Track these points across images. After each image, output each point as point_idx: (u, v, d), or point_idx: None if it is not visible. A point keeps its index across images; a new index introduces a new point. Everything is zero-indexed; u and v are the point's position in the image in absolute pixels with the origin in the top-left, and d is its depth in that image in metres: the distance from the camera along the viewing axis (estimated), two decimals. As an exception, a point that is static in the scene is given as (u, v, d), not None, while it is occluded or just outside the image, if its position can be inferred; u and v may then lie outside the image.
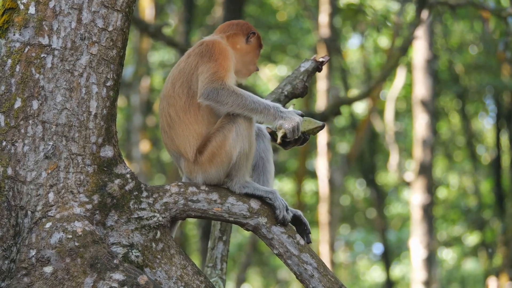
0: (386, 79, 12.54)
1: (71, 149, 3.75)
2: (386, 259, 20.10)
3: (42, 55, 3.74)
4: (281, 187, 20.59)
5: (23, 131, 3.72)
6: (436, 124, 16.86)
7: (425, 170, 13.36)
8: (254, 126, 3.93)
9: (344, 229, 22.70)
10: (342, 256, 22.70)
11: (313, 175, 17.34)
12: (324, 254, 13.02)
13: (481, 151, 20.94)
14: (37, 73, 3.74)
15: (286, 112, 3.87)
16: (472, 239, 20.62)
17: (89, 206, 3.73)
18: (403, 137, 19.32)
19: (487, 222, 18.96)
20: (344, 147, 19.97)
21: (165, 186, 3.93)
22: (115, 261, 3.65)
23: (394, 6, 15.79)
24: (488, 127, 20.79)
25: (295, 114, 3.89)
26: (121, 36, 3.87)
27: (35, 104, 3.73)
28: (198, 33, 16.52)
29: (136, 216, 3.80)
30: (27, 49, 3.74)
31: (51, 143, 3.73)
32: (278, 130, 3.88)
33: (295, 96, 4.76)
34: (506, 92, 16.84)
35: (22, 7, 3.77)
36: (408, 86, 16.84)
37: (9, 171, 3.69)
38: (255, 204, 3.92)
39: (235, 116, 3.88)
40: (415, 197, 13.32)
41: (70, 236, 3.64)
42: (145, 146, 15.18)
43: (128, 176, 3.84)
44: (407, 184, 14.31)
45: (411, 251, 13.27)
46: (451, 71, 17.74)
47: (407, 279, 20.75)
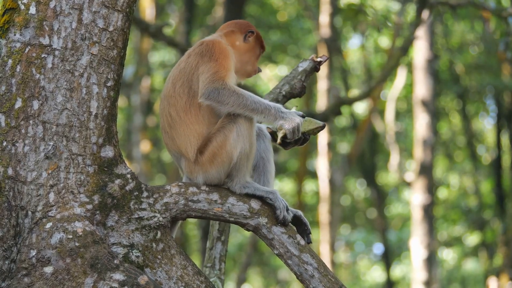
0: (386, 79, 12.54)
1: (71, 149, 3.75)
2: (387, 259, 20.11)
3: (43, 55, 3.74)
4: (282, 187, 20.59)
5: (23, 131, 3.72)
6: (436, 124, 16.85)
7: (426, 170, 13.36)
8: (255, 126, 3.93)
9: (344, 229, 22.70)
10: (343, 256, 22.71)
11: (314, 175, 17.34)
12: (325, 254, 13.02)
13: (481, 151, 20.94)
14: (38, 73, 3.74)
15: (287, 113, 3.87)
16: (473, 239, 20.62)
17: (89, 206, 3.73)
18: (403, 137, 19.31)
19: (487, 222, 18.96)
20: (344, 147, 19.97)
21: (166, 186, 3.93)
22: (115, 261, 3.65)
23: (395, 6, 15.80)
24: (489, 127, 20.80)
25: (295, 115, 3.88)
26: (121, 36, 3.87)
27: (36, 104, 3.73)
28: (199, 33, 16.52)
29: (137, 216, 3.80)
30: (27, 49, 3.74)
31: (51, 143, 3.73)
32: (278, 130, 3.88)
33: (293, 96, 4.75)
34: (506, 92, 16.84)
35: (22, 7, 3.77)
36: (408, 86, 16.84)
37: (10, 171, 3.69)
38: (255, 204, 3.92)
39: (236, 116, 3.88)
40: (415, 197, 13.32)
41: (71, 236, 3.64)
42: (145, 146, 15.18)
43: (129, 176, 3.84)
44: (408, 184, 14.31)
45: (412, 251, 13.27)
46: (451, 71, 17.74)
47: (407, 279, 20.75)
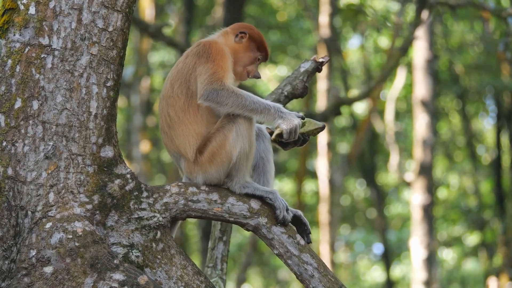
0: (386, 80, 12.54)
1: (71, 149, 3.75)
2: (387, 259, 20.11)
3: (42, 56, 3.74)
4: (282, 187, 20.59)
5: (23, 131, 3.72)
6: (436, 124, 16.86)
7: (425, 170, 13.36)
8: (254, 126, 3.93)
9: (344, 229, 22.70)
10: (343, 256, 22.71)
11: (314, 175, 17.34)
12: (325, 254, 13.02)
13: (481, 151, 20.94)
14: (37, 73, 3.74)
15: (286, 113, 3.87)
16: (472, 239, 20.62)
17: (89, 206, 3.73)
18: (403, 137, 19.32)
19: (487, 222, 18.96)
20: (344, 147, 19.97)
21: (165, 186, 3.93)
22: (115, 261, 3.65)
23: (394, 6, 15.80)
24: (488, 127, 20.80)
25: (295, 116, 3.88)
26: (121, 37, 3.87)
27: (35, 104, 3.73)
28: (198, 34, 16.53)
29: (136, 216, 3.80)
30: (27, 50, 3.74)
31: (51, 143, 3.73)
32: (275, 129, 3.89)
33: (295, 97, 4.75)
34: (506, 92, 16.84)
35: (22, 7, 3.77)
36: (408, 86, 16.85)
37: (9, 171, 3.69)
38: (255, 204, 3.92)
39: (235, 116, 3.88)
40: (415, 197, 13.32)
41: (70, 236, 3.64)
42: (145, 146, 15.18)
43: (128, 176, 3.85)
44: (407, 184, 14.31)
45: (411, 251, 13.27)
46: (451, 71, 17.74)
47: (407, 279, 20.75)
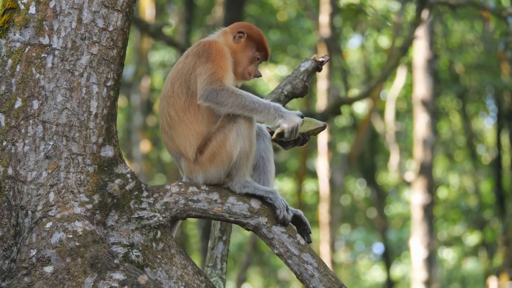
0: (386, 79, 12.54)
1: (71, 149, 3.75)
2: (387, 259, 20.11)
3: (43, 55, 3.74)
4: (282, 187, 20.59)
5: (23, 131, 3.72)
6: (436, 124, 16.86)
7: (426, 170, 13.36)
8: (254, 125, 3.93)
9: (344, 229, 22.70)
10: (343, 256, 22.71)
11: (314, 174, 17.34)
12: (325, 254, 13.02)
13: (481, 151, 20.94)
14: (38, 73, 3.74)
15: (286, 112, 3.87)
16: (473, 239, 20.63)
17: (89, 206, 3.73)
18: (403, 137, 19.31)
19: (487, 222, 18.96)
20: (344, 147, 19.97)
21: (166, 186, 3.93)
22: (115, 261, 3.65)
23: (395, 6, 15.80)
24: (489, 127, 20.80)
25: (295, 115, 3.88)
26: (121, 36, 3.87)
27: (36, 104, 3.73)
28: (198, 33, 16.53)
29: (137, 216, 3.80)
30: (27, 49, 3.74)
31: (51, 143, 3.73)
32: (276, 128, 3.89)
33: (295, 96, 4.75)
34: (506, 92, 16.84)
35: (22, 7, 3.77)
36: (408, 86, 16.84)
37: (10, 171, 3.69)
38: (255, 204, 3.92)
39: (235, 116, 3.88)
40: (415, 197, 13.32)
41: (71, 236, 3.64)
42: (145, 146, 15.18)
43: (129, 176, 3.85)
44: (408, 184, 14.31)
45: (412, 251, 13.27)
46: (451, 71, 17.74)
47: (407, 279, 20.76)
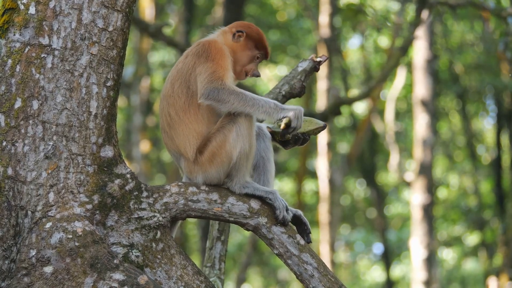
0: (386, 79, 12.53)
1: (71, 149, 3.75)
2: (386, 259, 20.11)
3: (42, 55, 3.74)
4: (282, 187, 20.60)
5: (23, 131, 3.72)
6: (436, 124, 16.86)
7: (425, 170, 13.36)
8: (254, 126, 3.93)
9: (344, 229, 22.70)
10: (343, 256, 22.71)
11: (314, 175, 17.34)
12: (325, 254, 13.02)
13: (481, 151, 20.94)
14: (37, 73, 3.74)
15: (286, 106, 3.90)
16: (472, 239, 20.63)
17: (89, 206, 3.74)
18: (403, 137, 19.32)
19: (487, 222, 18.96)
20: (344, 147, 19.98)
21: (165, 186, 3.93)
22: (115, 261, 3.65)
23: (394, 6, 15.80)
24: (489, 127, 20.80)
25: (295, 106, 3.90)
26: (121, 36, 3.87)
27: (35, 104, 3.73)
28: (198, 33, 16.53)
29: (136, 216, 3.80)
30: (27, 49, 3.74)
31: (51, 143, 3.73)
32: (279, 122, 3.89)
33: (293, 96, 4.76)
34: (506, 92, 16.84)
35: (22, 7, 3.77)
36: (408, 86, 16.85)
37: (9, 171, 3.70)
38: (255, 204, 3.92)
39: (235, 116, 3.88)
40: (415, 197, 13.33)
41: (70, 236, 3.64)
42: (145, 146, 15.18)
43: (128, 176, 3.85)
44: (407, 184, 14.31)
45: (411, 251, 13.27)
46: (451, 71, 17.74)
47: (407, 279, 20.75)
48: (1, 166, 3.69)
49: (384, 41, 17.39)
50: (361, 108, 19.10)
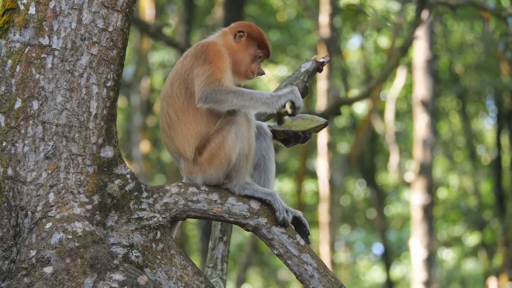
0: (386, 80, 12.54)
1: (71, 150, 3.75)
2: (386, 259, 20.11)
3: (42, 56, 3.74)
4: (282, 187, 20.60)
5: (23, 131, 3.72)
6: (436, 124, 16.86)
7: (425, 170, 13.36)
8: (253, 127, 3.93)
9: (344, 229, 22.70)
10: (343, 256, 22.71)
11: (314, 175, 17.34)
12: (324, 254, 13.02)
13: (481, 151, 20.94)
14: (37, 73, 3.74)
15: (280, 92, 3.91)
16: (472, 239, 20.63)
17: (89, 207, 3.73)
18: (403, 137, 19.32)
19: (487, 222, 18.97)
20: (344, 147, 19.97)
21: (165, 187, 3.93)
22: (115, 262, 3.65)
23: (394, 6, 15.80)
24: (489, 127, 20.81)
25: (289, 88, 3.90)
26: (121, 37, 3.87)
27: (35, 105, 3.73)
28: (198, 34, 16.53)
29: (136, 217, 3.80)
30: (27, 50, 3.74)
31: (51, 144, 3.73)
32: (283, 108, 3.89)
33: (296, 97, 4.75)
34: (506, 92, 16.85)
35: (22, 7, 3.77)
36: (408, 86, 16.85)
37: (9, 172, 3.69)
38: (255, 205, 3.92)
39: (234, 117, 3.88)
40: (415, 197, 13.33)
41: (70, 237, 3.64)
42: (145, 147, 15.18)
43: (128, 176, 3.85)
44: (407, 184, 14.31)
45: (411, 251, 13.27)
46: (451, 71, 17.74)
47: (407, 279, 20.76)
48: (1, 166, 3.69)
49: (384, 41, 17.39)
50: (361, 108, 19.10)
